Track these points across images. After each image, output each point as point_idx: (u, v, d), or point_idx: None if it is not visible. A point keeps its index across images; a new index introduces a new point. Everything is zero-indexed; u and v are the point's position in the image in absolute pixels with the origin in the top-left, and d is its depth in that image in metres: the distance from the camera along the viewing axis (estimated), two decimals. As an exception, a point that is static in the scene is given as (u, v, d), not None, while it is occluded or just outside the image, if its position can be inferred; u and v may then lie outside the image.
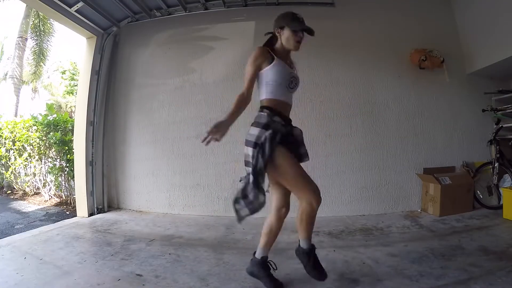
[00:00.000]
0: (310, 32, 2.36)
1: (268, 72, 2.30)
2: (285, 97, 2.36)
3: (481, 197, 4.48)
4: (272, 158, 2.16)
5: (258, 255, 2.47)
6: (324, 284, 2.45)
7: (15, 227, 4.41)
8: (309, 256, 2.37)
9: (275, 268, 2.48)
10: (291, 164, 2.24)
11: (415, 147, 4.69)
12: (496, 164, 4.37)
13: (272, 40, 2.48)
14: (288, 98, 2.40)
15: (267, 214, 2.50)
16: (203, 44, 5.06)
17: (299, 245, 2.43)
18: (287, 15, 2.42)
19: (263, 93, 2.37)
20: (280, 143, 2.19)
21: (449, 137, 4.74)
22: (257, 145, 2.21)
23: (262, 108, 2.37)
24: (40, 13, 11.70)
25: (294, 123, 2.45)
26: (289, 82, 2.34)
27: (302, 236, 2.38)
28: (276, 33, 2.43)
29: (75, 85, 16.22)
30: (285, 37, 2.37)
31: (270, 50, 2.36)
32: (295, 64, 2.54)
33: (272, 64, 2.30)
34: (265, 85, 2.34)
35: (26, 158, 6.26)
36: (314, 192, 2.19)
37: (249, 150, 2.27)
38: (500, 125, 4.46)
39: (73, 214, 4.90)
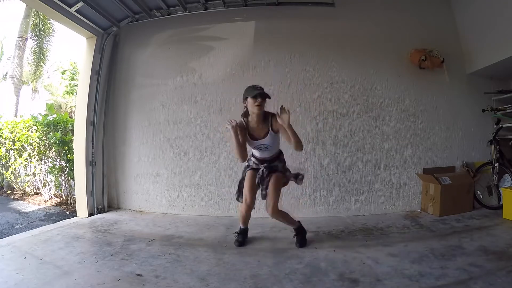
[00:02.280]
0: (264, 95, 3.09)
1: (246, 141, 3.25)
2: (258, 154, 3.33)
3: (481, 197, 4.48)
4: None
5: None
6: (324, 283, 2.45)
7: (15, 227, 4.41)
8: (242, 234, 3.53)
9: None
10: (247, 183, 3.29)
11: (415, 147, 4.69)
12: (496, 164, 4.36)
13: (247, 111, 3.25)
14: (262, 154, 3.32)
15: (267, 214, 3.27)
16: (203, 44, 5.06)
17: None
18: (247, 88, 3.19)
19: None
20: (251, 169, 3.36)
21: (449, 137, 4.74)
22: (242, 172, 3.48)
23: None
24: (40, 13, 11.69)
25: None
26: (258, 148, 3.27)
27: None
28: (244, 104, 3.22)
29: (75, 85, 16.23)
30: (249, 105, 3.14)
31: (245, 124, 3.25)
32: (271, 117, 3.21)
33: (245, 137, 3.23)
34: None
35: (26, 158, 6.26)
36: (243, 206, 3.32)
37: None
38: (500, 125, 4.46)
39: (73, 214, 4.90)
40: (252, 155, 3.40)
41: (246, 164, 3.42)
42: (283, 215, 3.29)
